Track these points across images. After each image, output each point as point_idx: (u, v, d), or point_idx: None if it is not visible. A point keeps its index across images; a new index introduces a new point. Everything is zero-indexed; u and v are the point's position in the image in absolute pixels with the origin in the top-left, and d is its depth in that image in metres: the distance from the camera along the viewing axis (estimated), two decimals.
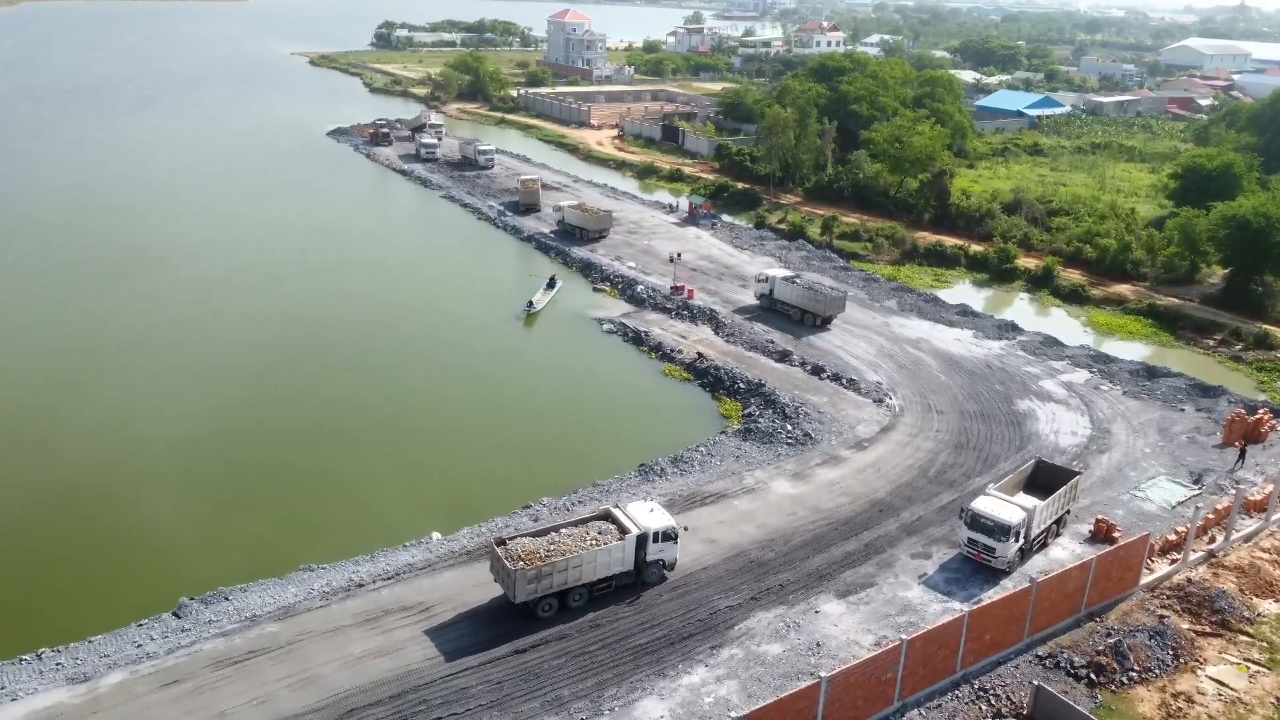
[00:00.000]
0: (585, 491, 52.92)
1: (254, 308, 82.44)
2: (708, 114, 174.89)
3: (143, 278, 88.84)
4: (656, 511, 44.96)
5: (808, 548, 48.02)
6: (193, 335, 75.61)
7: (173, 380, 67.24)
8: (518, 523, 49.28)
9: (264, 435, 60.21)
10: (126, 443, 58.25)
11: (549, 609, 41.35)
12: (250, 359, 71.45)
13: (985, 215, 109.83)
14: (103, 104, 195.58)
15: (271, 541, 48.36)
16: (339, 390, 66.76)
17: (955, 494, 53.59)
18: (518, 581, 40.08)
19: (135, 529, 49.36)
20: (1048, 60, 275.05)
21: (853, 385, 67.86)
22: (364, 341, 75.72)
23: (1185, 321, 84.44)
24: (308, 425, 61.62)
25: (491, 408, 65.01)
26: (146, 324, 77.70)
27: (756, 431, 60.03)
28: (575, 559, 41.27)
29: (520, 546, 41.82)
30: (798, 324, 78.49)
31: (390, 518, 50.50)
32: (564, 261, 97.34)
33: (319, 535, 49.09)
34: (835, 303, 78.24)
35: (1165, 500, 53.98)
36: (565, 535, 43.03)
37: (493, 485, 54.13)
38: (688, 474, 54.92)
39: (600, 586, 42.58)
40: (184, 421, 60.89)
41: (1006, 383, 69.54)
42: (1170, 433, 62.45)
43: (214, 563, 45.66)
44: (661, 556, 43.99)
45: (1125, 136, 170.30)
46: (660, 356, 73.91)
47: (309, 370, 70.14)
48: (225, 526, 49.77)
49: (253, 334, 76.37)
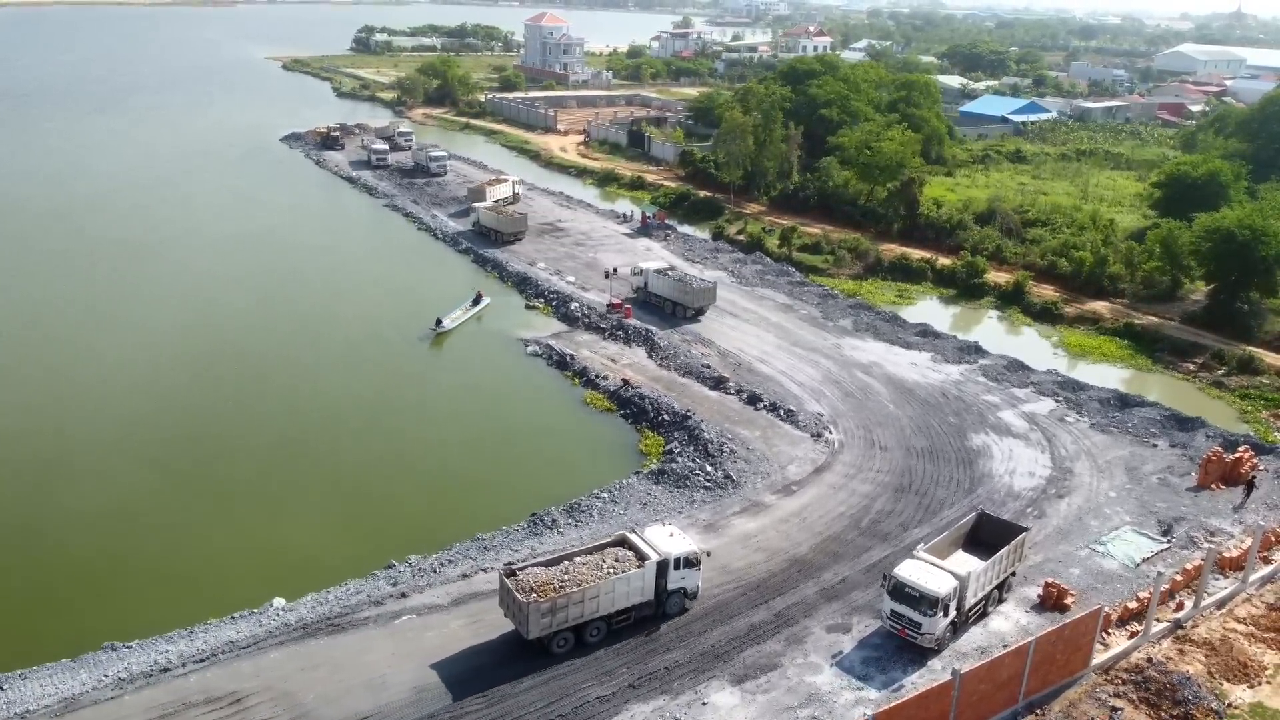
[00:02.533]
0: (462, 547, 46.12)
1: (140, 323, 75.75)
2: (679, 119, 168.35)
3: (29, 286, 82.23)
4: (677, 536, 41.73)
5: (707, 619, 41.20)
6: (61, 354, 68.87)
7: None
8: (373, 586, 42.53)
9: (93, 476, 52.64)
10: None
11: (564, 644, 38.25)
12: (107, 385, 64.36)
13: (956, 226, 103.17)
14: (59, 106, 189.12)
15: (76, 611, 41.50)
16: (195, 423, 59.38)
17: (889, 549, 46.82)
18: (531, 616, 36.82)
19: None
20: (1037, 65, 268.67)
21: (790, 417, 61.09)
22: (247, 364, 68.72)
23: (1164, 343, 77.67)
24: (148, 465, 54.19)
25: (371, 447, 57.47)
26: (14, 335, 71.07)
27: (671, 474, 53.17)
28: (592, 589, 38.13)
29: (532, 577, 38.50)
30: (670, 316, 78.01)
31: (227, 580, 43.67)
32: (499, 276, 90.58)
33: (134, 603, 42.20)
34: (704, 294, 78.78)
35: (1129, 556, 47.18)
36: (580, 564, 39.77)
37: (354, 540, 47.29)
38: (584, 525, 48.10)
39: (619, 619, 39.48)
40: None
41: (962, 414, 62.79)
42: (1139, 473, 55.69)
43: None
44: (683, 585, 40.83)
45: (1112, 143, 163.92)
46: (584, 383, 67.15)
47: (169, 398, 62.82)
48: (22, 592, 42.80)
49: (127, 353, 69.56)
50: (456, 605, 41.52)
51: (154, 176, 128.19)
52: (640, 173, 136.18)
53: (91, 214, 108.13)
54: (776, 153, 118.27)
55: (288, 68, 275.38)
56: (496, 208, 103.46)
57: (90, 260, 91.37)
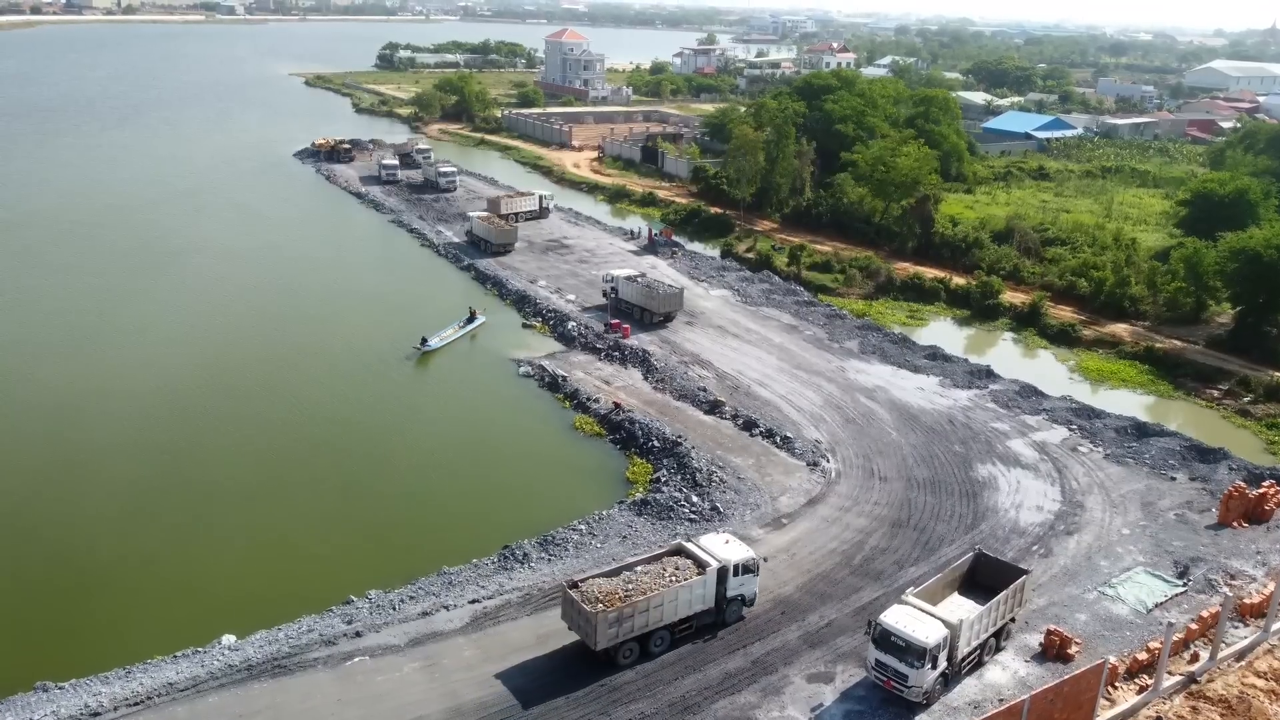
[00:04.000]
0: (426, 582, 43.62)
1: (118, 342, 74.03)
2: (695, 135, 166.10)
3: (19, 298, 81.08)
4: (732, 543, 41.83)
5: (678, 665, 38.44)
6: (17, 374, 67.26)
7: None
8: (327, 624, 40.11)
9: (40, 503, 50.25)
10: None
11: (630, 654, 38.07)
12: (68, 407, 61.96)
13: (972, 245, 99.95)
14: (79, 120, 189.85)
15: (12, 646, 39.32)
16: (159, 446, 57.07)
17: (881, 590, 43.88)
18: (599, 626, 36.60)
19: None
20: (1064, 81, 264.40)
21: (786, 444, 58.25)
22: (221, 383, 66.42)
23: (1187, 368, 74.09)
24: (103, 490, 51.82)
25: (342, 472, 54.98)
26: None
27: (654, 504, 50.47)
28: (657, 598, 38.02)
29: (596, 588, 38.32)
30: (638, 322, 78.51)
31: (178, 615, 41.43)
32: (499, 294, 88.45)
33: (77, 638, 40.03)
34: (670, 300, 79.41)
35: (1140, 601, 43.91)
36: (641, 573, 39.64)
37: (316, 573, 44.95)
38: (557, 560, 45.49)
39: (682, 628, 39.37)
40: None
41: (969, 442, 59.67)
42: (1156, 508, 52.34)
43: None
44: (742, 591, 40.87)
45: (1139, 160, 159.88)
46: (575, 406, 64.66)
47: (136, 419, 60.54)
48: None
49: (95, 376, 67.06)
50: (413, 646, 39.03)
51: (162, 190, 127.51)
52: (653, 189, 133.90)
53: (96, 228, 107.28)
54: (789, 169, 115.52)
55: (310, 84, 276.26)
56: (489, 218, 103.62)
57: (86, 274, 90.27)
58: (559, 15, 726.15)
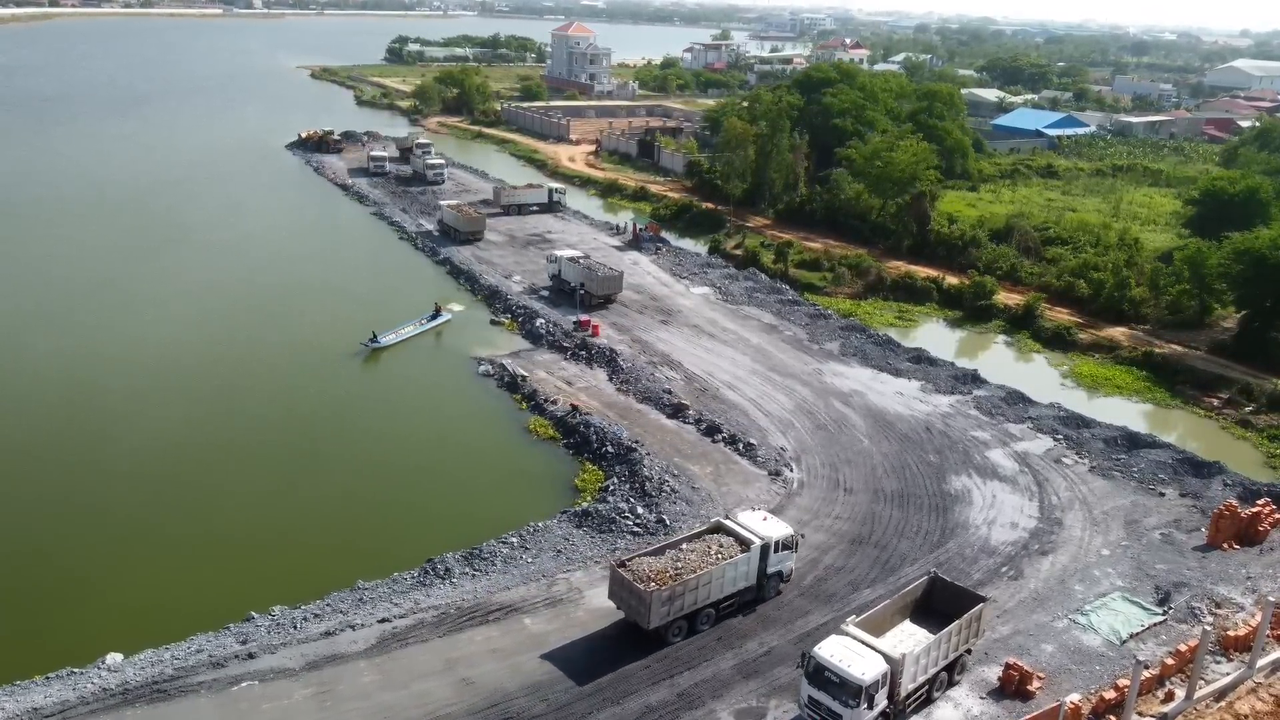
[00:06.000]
0: (338, 597, 40.36)
1: (65, 336, 70.93)
2: (694, 130, 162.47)
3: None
4: (770, 519, 41.80)
5: (598, 696, 35.06)
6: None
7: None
8: (219, 643, 36.95)
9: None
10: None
11: (679, 633, 38.08)
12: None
13: (970, 243, 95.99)
14: (76, 110, 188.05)
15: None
16: (66, 443, 54.07)
17: (830, 614, 40.37)
18: (653, 604, 36.44)
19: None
20: (1079, 79, 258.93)
21: (749, 451, 54.75)
22: (157, 382, 63.05)
23: (1186, 375, 70.04)
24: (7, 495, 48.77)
25: (268, 477, 51.65)
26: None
27: (596, 516, 47.07)
28: (706, 575, 37.98)
29: (646, 566, 38.24)
30: (580, 304, 77.59)
31: (65, 630, 38.40)
32: (471, 289, 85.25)
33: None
34: (609, 282, 79.41)
35: (1114, 630, 40.19)
36: (687, 551, 39.54)
37: (220, 585, 41.68)
38: (482, 576, 42.14)
39: (726, 605, 39.36)
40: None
41: (945, 452, 56.00)
42: (1140, 527, 48.56)
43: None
44: (781, 568, 41.00)
45: (1152, 159, 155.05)
46: (532, 407, 61.35)
47: (54, 418, 57.44)
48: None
49: (25, 374, 64.13)
50: (309, 670, 35.82)
51: (144, 181, 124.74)
52: (646, 184, 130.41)
53: (68, 216, 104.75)
54: (783, 164, 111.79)
55: (316, 76, 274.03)
56: (459, 207, 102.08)
57: (53, 263, 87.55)
58: (577, 11, 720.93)
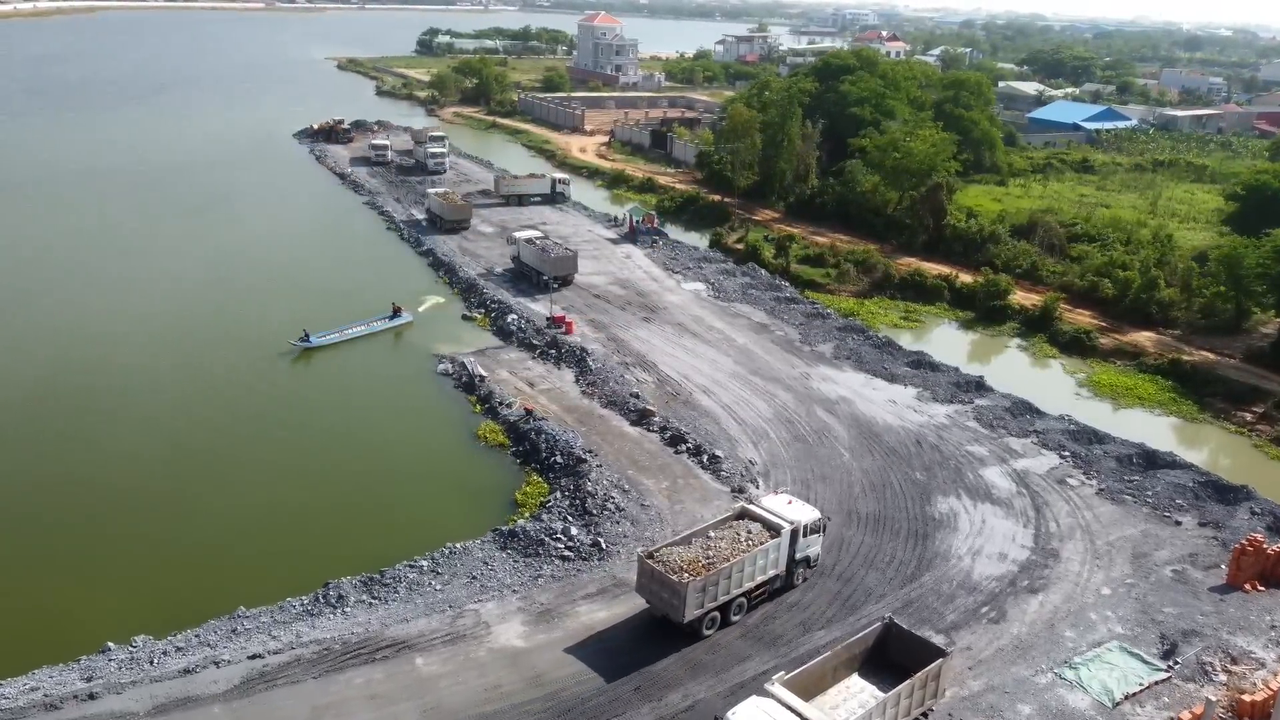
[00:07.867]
0: (214, 625, 35.56)
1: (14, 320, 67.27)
2: (712, 120, 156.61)
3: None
4: (795, 503, 40.02)
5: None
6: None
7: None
8: (61, 680, 32.28)
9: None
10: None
11: (712, 624, 36.06)
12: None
13: (988, 239, 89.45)
14: (99, 97, 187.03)
15: None
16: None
17: (773, 660, 34.83)
18: (689, 595, 34.41)
19: None
20: (1124, 73, 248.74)
21: (713, 465, 49.30)
22: (73, 383, 58.16)
23: (1217, 385, 63.33)
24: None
25: (173, 488, 46.53)
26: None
27: (524, 536, 41.83)
28: (739, 563, 36.18)
29: (675, 556, 36.19)
30: (536, 285, 76.38)
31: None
32: (449, 281, 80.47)
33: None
34: (563, 263, 77.75)
35: (1107, 689, 34.21)
36: (716, 539, 37.52)
37: (88, 610, 37.01)
38: (380, 605, 37.11)
39: (757, 594, 37.56)
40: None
41: (935, 468, 50.12)
42: (1150, 561, 42.39)
43: None
44: (808, 553, 39.36)
45: (1197, 154, 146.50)
46: (486, 410, 56.31)
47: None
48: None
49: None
50: (155, 715, 31.10)
51: (142, 169, 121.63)
52: (655, 175, 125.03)
53: (56, 202, 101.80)
54: (793, 154, 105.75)
55: (342, 67, 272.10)
56: (445, 195, 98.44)
57: (25, 246, 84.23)
58: (619, 7, 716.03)
